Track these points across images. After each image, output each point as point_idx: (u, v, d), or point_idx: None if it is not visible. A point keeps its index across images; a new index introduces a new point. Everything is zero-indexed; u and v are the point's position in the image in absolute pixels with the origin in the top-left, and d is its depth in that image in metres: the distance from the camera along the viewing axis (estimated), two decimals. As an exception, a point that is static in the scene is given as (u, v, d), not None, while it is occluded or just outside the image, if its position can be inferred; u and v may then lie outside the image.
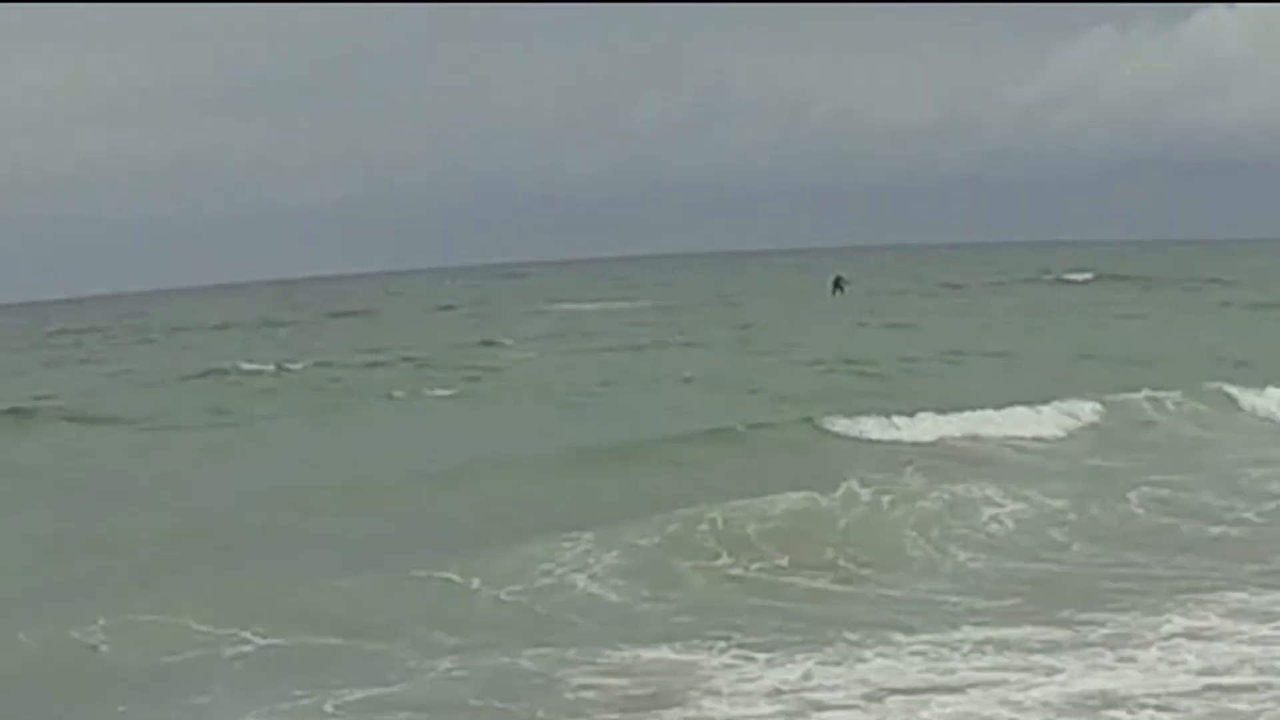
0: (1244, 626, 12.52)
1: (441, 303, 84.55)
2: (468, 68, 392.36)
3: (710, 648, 12.55)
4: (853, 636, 12.70)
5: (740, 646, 12.55)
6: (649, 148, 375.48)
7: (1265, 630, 12.37)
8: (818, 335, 45.75)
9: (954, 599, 14.34)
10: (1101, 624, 12.85)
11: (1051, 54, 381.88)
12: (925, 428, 24.53)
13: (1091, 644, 12.20)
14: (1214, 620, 12.76)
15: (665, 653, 12.47)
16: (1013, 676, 11.40)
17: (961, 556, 16.14)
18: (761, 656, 12.22)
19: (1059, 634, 12.58)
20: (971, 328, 47.60)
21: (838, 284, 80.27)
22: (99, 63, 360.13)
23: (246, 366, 41.24)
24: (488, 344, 47.75)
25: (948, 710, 10.69)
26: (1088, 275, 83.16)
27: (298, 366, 41.14)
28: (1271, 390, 26.93)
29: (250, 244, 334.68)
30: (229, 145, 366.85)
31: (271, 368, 40.85)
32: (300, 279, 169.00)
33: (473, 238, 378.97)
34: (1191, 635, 12.31)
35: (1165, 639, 12.22)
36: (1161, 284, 73.10)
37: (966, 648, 12.24)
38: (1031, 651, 12.07)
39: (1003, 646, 12.21)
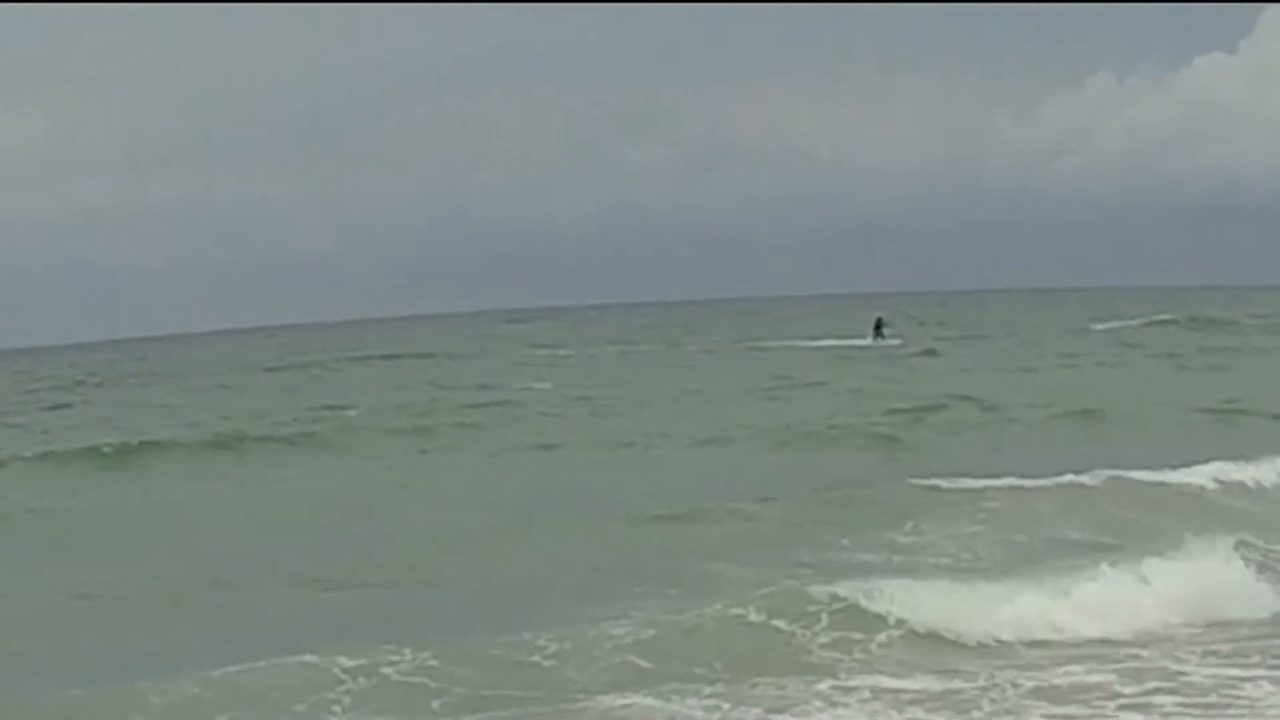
0: None
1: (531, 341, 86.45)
2: (464, 114, 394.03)
3: None
4: None
5: None
6: (646, 193, 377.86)
7: None
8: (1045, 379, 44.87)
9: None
10: None
11: (1050, 100, 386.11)
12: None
13: None
14: None
15: None
16: None
17: None
18: None
19: None
20: (1164, 372, 47.40)
21: (878, 328, 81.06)
22: (89, 113, 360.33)
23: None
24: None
25: None
26: (1138, 320, 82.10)
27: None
28: None
29: (242, 292, 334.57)
30: (221, 195, 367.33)
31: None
32: (297, 325, 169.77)
33: (469, 284, 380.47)
34: None
35: None
36: (1239, 328, 72.04)
37: None
38: None
39: None
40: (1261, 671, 12.86)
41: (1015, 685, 12.75)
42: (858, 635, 14.03)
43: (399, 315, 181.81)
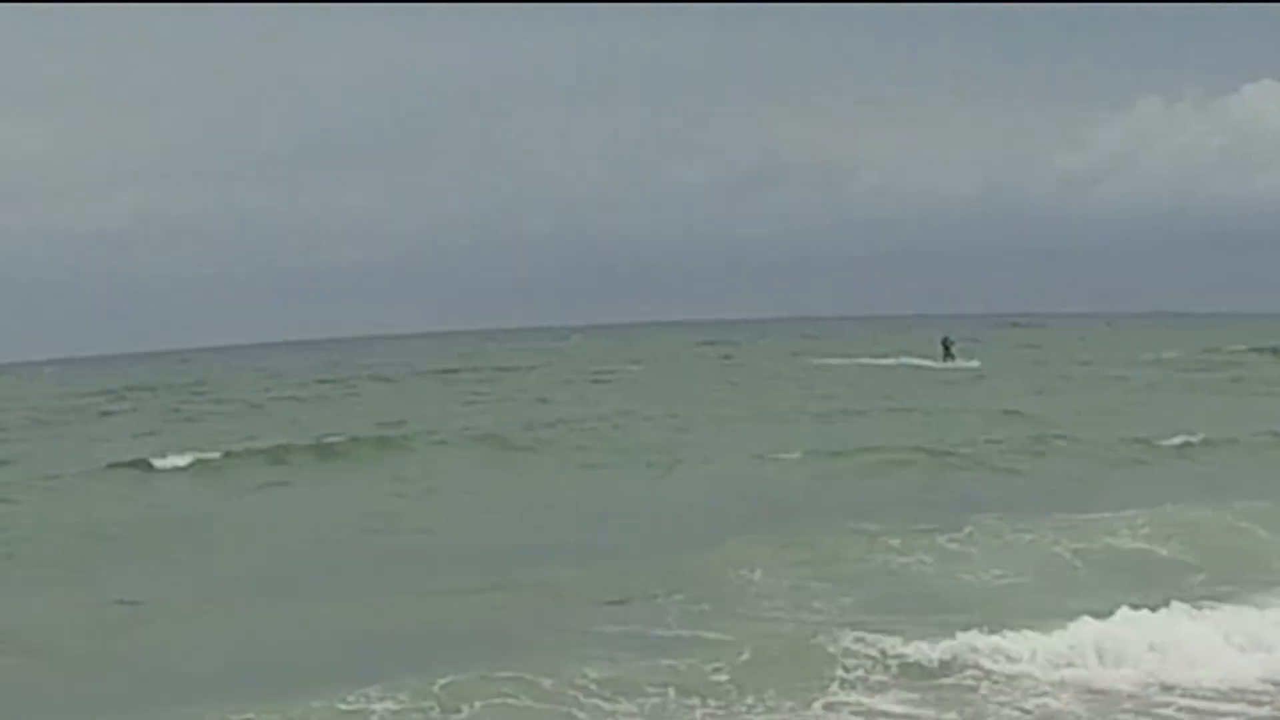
0: None
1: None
2: (513, 133, 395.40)
3: None
4: None
5: None
6: (691, 214, 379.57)
7: None
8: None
9: None
10: None
11: (1096, 125, 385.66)
12: None
13: None
14: None
15: None
16: None
17: None
18: None
19: None
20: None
21: (947, 348, 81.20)
22: (139, 123, 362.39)
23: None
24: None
25: None
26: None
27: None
28: None
29: (290, 304, 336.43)
30: (272, 206, 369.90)
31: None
32: (347, 339, 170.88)
33: (515, 300, 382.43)
34: None
35: None
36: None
37: None
38: None
39: None
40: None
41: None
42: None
43: (443, 330, 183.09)
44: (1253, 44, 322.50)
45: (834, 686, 13.48)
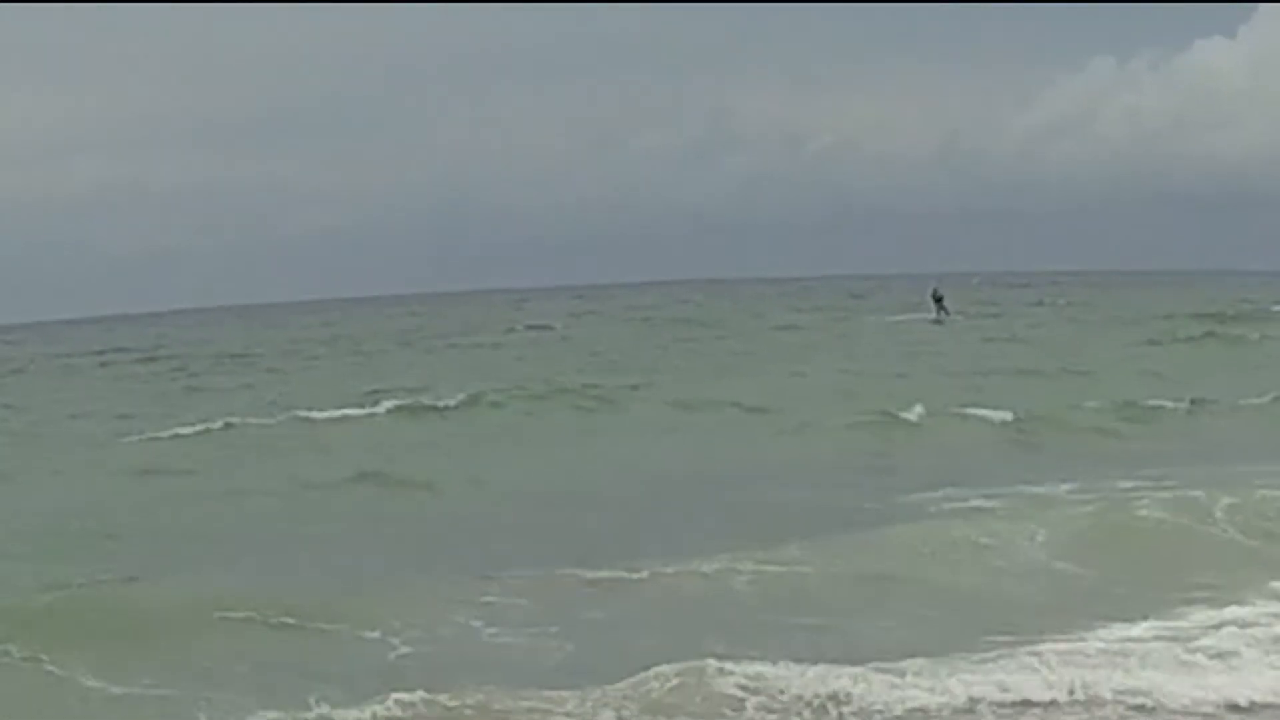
0: None
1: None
2: (474, 103, 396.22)
3: None
4: None
5: None
6: (650, 179, 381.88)
7: None
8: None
9: None
10: None
11: (1050, 85, 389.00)
12: None
13: None
14: None
15: None
16: None
17: None
18: None
19: None
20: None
21: (939, 301, 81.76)
22: (99, 93, 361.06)
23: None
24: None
25: None
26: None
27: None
28: None
29: (250, 270, 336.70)
30: (233, 175, 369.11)
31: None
32: (308, 301, 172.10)
33: (476, 265, 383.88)
34: None
35: None
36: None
37: None
38: None
39: None
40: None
41: None
42: None
43: (411, 293, 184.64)
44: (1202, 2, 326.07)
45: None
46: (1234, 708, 12.17)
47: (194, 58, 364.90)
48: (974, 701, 12.10)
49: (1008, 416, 31.10)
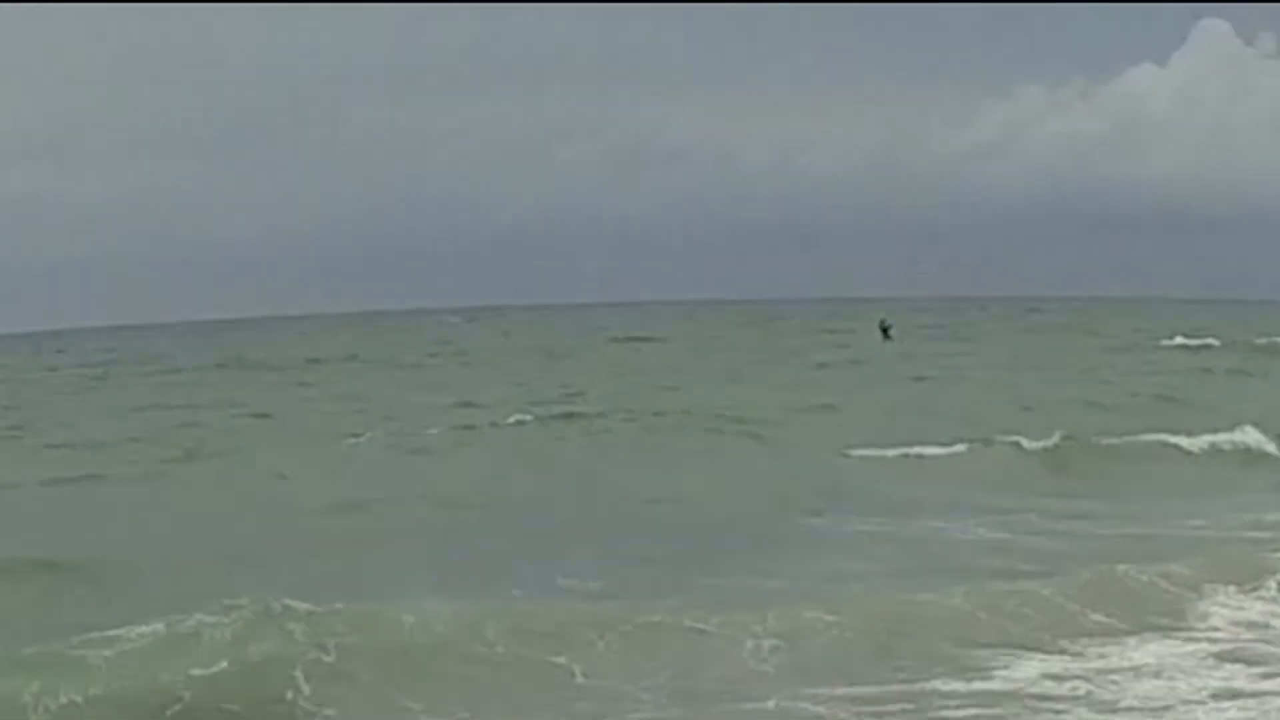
0: None
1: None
2: (399, 117, 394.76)
3: None
4: None
5: None
6: (575, 195, 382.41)
7: None
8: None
9: None
10: None
11: (980, 109, 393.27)
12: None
13: None
14: None
15: None
16: None
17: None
18: None
19: None
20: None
21: (885, 331, 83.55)
22: (17, 105, 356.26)
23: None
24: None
25: None
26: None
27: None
28: None
29: (170, 286, 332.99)
30: (153, 187, 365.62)
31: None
32: (232, 320, 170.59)
33: (396, 282, 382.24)
34: None
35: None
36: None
37: None
38: None
39: None
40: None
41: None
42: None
43: (332, 312, 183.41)
44: (1135, 29, 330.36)
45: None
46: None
47: (105, 68, 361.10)
48: None
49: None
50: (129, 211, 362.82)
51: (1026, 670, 13.70)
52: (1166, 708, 12.60)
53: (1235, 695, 12.85)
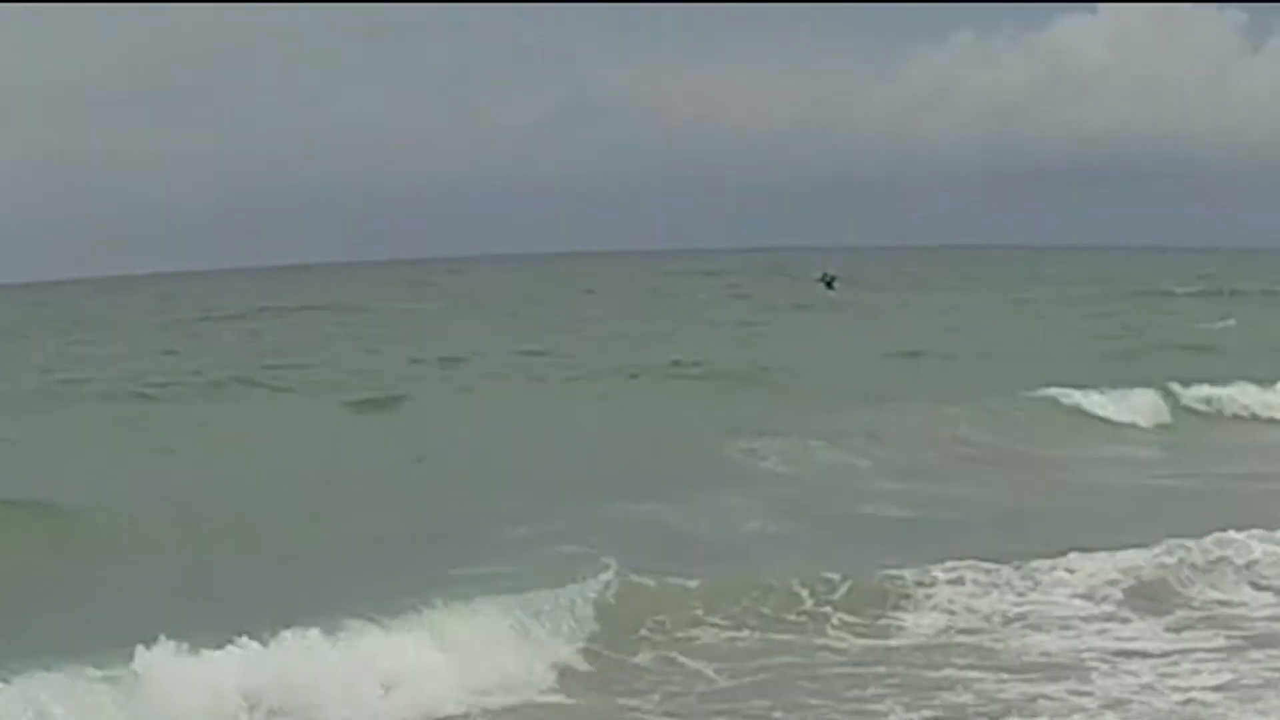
0: None
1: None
2: (326, 74, 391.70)
3: None
4: None
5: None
6: (506, 151, 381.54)
7: None
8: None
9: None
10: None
11: (910, 59, 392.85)
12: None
13: None
14: None
15: None
16: None
17: None
18: None
19: None
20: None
21: (829, 283, 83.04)
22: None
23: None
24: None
25: None
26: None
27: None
28: None
29: (86, 244, 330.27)
30: (72, 149, 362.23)
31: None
32: (181, 273, 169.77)
33: (330, 237, 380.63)
34: None
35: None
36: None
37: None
38: None
39: None
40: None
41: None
42: None
43: (274, 265, 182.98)
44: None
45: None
46: None
47: (21, 26, 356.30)
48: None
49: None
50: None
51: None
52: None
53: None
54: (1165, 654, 13.13)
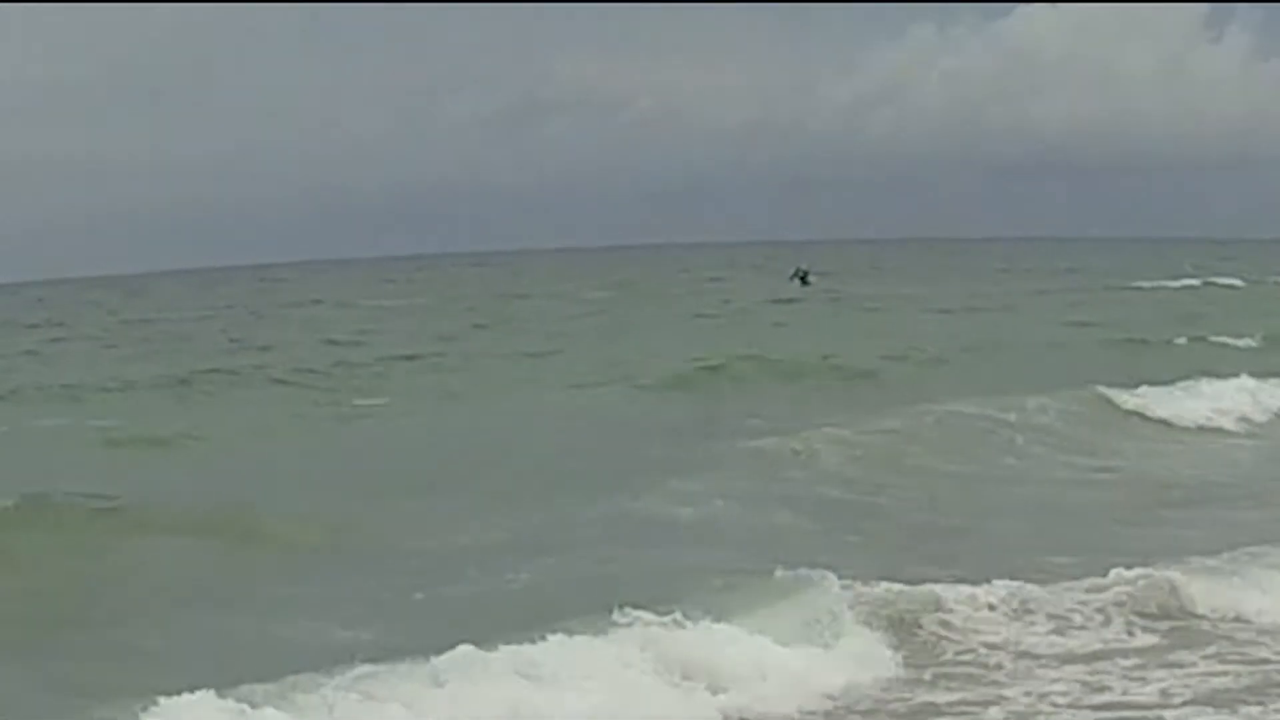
0: None
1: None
2: (280, 69, 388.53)
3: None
4: None
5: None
6: (464, 147, 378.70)
7: None
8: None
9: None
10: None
11: (870, 53, 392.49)
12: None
13: None
14: None
15: None
16: None
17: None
18: None
19: None
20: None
21: (804, 278, 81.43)
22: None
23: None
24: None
25: None
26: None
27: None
28: None
29: (63, 245, 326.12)
30: (48, 150, 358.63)
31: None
32: (142, 274, 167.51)
33: (284, 237, 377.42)
34: None
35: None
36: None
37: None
38: None
39: None
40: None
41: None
42: None
43: (227, 265, 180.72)
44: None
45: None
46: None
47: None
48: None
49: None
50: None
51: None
52: None
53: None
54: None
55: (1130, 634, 13.00)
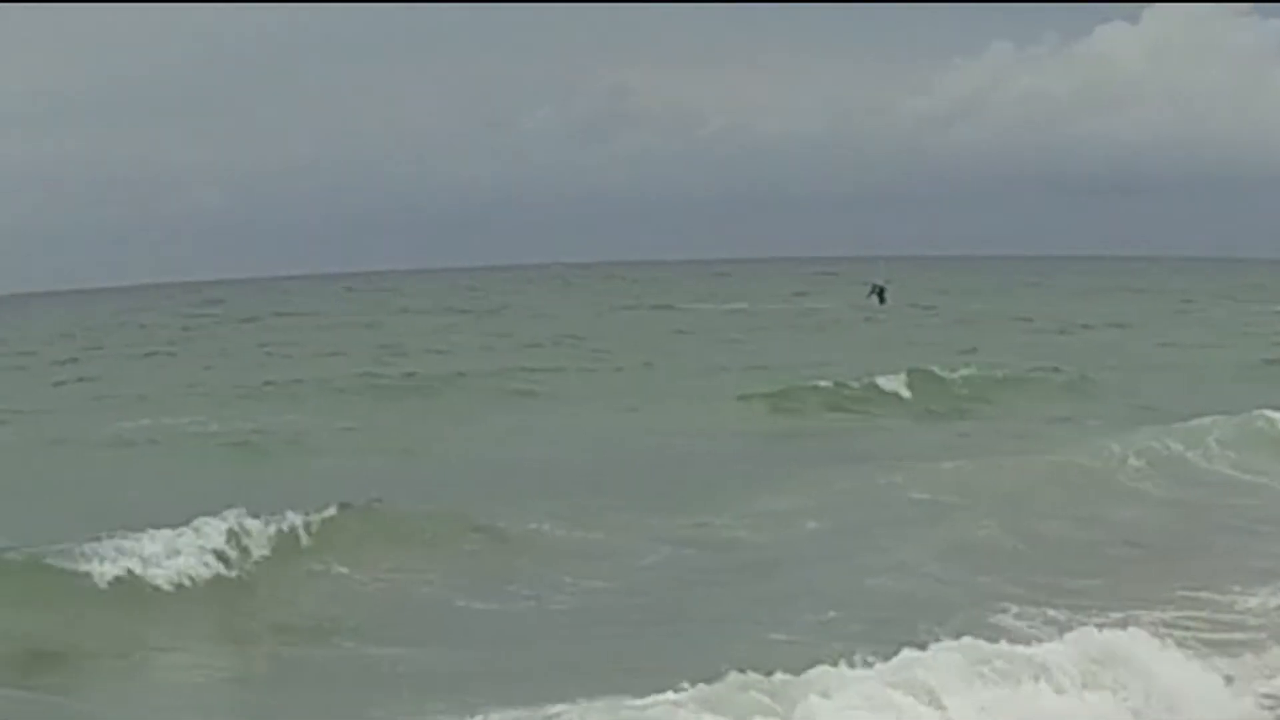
0: None
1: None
2: (360, 77, 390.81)
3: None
4: None
5: None
6: (542, 158, 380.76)
7: None
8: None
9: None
10: None
11: (947, 69, 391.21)
12: None
13: None
14: None
15: None
16: None
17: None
18: None
19: None
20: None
21: (881, 294, 79.85)
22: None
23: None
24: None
25: None
26: None
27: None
28: None
29: (121, 251, 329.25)
30: (103, 152, 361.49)
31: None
32: (221, 280, 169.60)
33: (361, 246, 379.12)
34: None
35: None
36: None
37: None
38: None
39: None
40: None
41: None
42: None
43: (302, 274, 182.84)
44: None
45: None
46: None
47: (57, 33, 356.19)
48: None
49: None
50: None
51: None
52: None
53: None
54: None
55: None
